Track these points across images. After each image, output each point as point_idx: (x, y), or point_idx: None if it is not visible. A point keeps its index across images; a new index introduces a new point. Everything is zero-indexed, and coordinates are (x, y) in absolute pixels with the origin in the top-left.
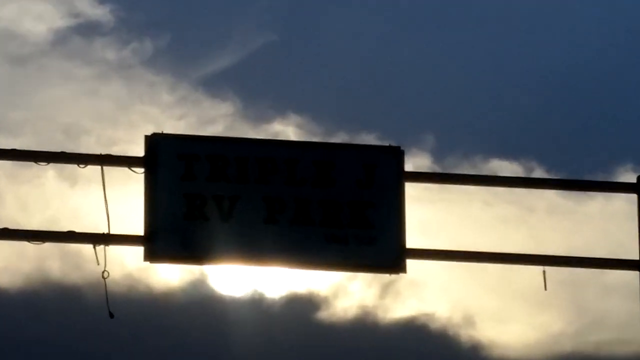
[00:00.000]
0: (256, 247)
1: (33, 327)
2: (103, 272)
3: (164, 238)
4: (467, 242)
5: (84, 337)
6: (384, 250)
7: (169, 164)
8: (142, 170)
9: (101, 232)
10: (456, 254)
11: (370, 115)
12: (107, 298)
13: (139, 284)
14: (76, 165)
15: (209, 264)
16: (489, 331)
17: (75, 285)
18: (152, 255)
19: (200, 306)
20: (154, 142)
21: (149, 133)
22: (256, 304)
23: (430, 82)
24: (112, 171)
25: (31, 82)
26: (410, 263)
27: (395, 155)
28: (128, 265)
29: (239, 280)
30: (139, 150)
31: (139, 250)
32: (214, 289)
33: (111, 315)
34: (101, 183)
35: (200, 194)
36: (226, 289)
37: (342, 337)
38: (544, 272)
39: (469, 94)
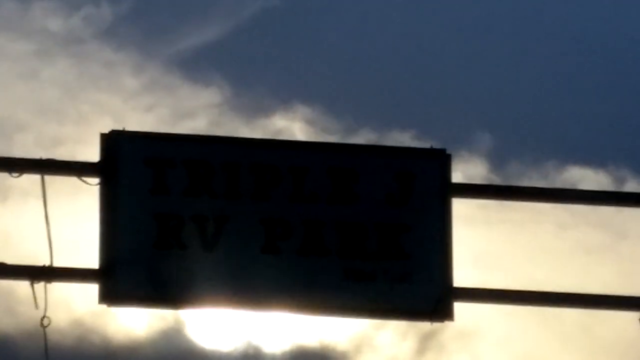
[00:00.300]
0: (250, 286)
1: None
2: (42, 319)
3: (127, 273)
4: (535, 278)
5: None
6: (423, 290)
7: (134, 172)
8: (96, 180)
9: (41, 264)
10: (521, 295)
11: (405, 108)
12: (46, 354)
13: (91, 334)
14: (7, 174)
15: (186, 308)
16: None
17: (5, 334)
18: (110, 295)
19: None
20: (113, 142)
21: (106, 130)
22: None
23: (486, 63)
24: (56, 182)
25: None
26: (458, 307)
27: (439, 161)
28: (77, 309)
29: (228, 329)
30: (92, 154)
31: (93, 288)
32: (194, 341)
33: None
34: (41, 197)
35: (175, 214)
36: (210, 341)
37: None
38: None
39: (538, 81)
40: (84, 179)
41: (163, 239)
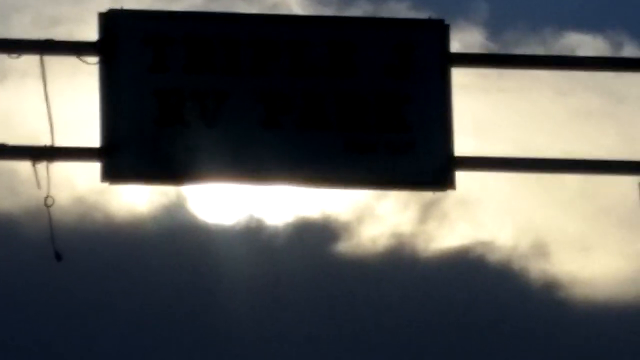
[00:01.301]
0: (252, 160)
1: None
2: (46, 198)
3: (129, 150)
4: (535, 145)
5: (21, 284)
6: (424, 160)
7: (133, 50)
8: (96, 59)
9: (42, 144)
10: (521, 163)
11: None
12: (51, 233)
13: (94, 211)
14: (6, 56)
15: (188, 184)
16: (567, 264)
17: (9, 215)
18: (112, 173)
19: (178, 239)
20: (112, 20)
21: (104, 8)
22: (253, 234)
23: None
24: (55, 61)
25: None
26: (460, 176)
27: (438, 31)
28: (80, 187)
29: (230, 203)
30: (91, 33)
31: (95, 167)
32: (196, 215)
33: (58, 257)
34: (40, 78)
35: (175, 90)
36: (212, 215)
37: (370, 274)
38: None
39: None
40: (83, 58)
41: (164, 115)
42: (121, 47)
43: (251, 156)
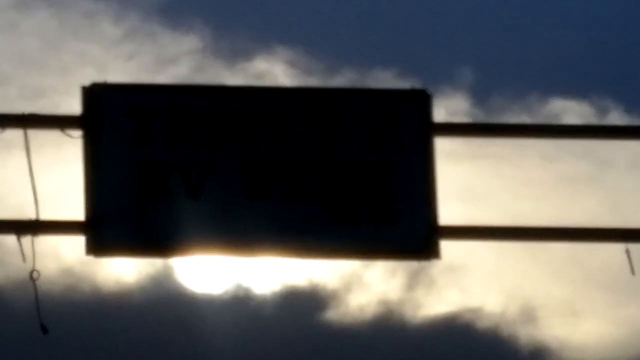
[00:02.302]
0: (236, 231)
1: None
2: (32, 272)
3: (113, 223)
4: (521, 212)
5: (7, 356)
6: (409, 230)
7: (116, 123)
8: (79, 133)
9: (27, 218)
10: (507, 232)
11: (386, 45)
12: (37, 307)
13: (81, 282)
14: None
15: (173, 257)
16: (556, 329)
17: None
18: (97, 246)
19: (166, 308)
20: (95, 94)
21: (88, 81)
22: (241, 303)
23: None
24: (39, 135)
25: None
26: (446, 243)
27: (420, 101)
28: (66, 258)
29: (217, 272)
30: (76, 105)
31: (80, 240)
32: (183, 285)
33: (44, 330)
34: (24, 151)
35: (159, 163)
36: (200, 284)
37: (359, 342)
38: (627, 251)
39: (518, 10)
40: (67, 132)
41: (147, 188)
42: (104, 120)
43: (236, 228)
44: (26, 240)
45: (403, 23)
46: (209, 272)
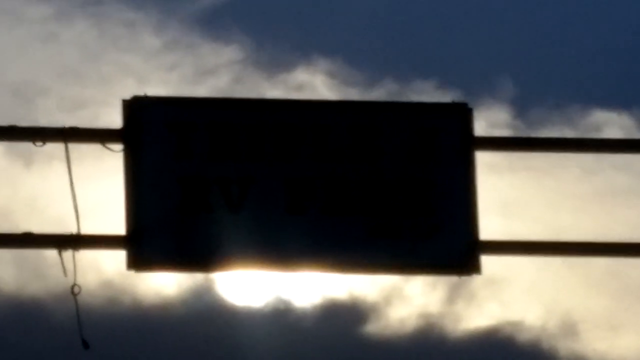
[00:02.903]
0: (276, 246)
1: None
2: (73, 287)
3: (153, 238)
4: (562, 225)
5: None
6: (449, 244)
7: (157, 137)
8: (120, 147)
9: (68, 232)
10: (547, 247)
11: (426, 57)
12: (79, 321)
13: (121, 295)
14: (31, 143)
15: (214, 271)
16: (596, 342)
17: (35, 302)
18: (137, 261)
19: (207, 321)
20: (136, 107)
21: (128, 92)
22: (281, 316)
23: (506, 8)
24: (80, 149)
25: None
26: (486, 259)
27: (461, 115)
28: (107, 271)
29: (257, 285)
30: (116, 116)
31: (121, 254)
32: (224, 298)
33: (86, 345)
34: (65, 165)
35: (199, 177)
36: (240, 297)
37: (399, 356)
38: None
39: (560, 23)
40: (108, 145)
41: (188, 203)
42: (145, 134)
43: (275, 242)
44: (67, 254)
45: (444, 34)
46: (249, 285)
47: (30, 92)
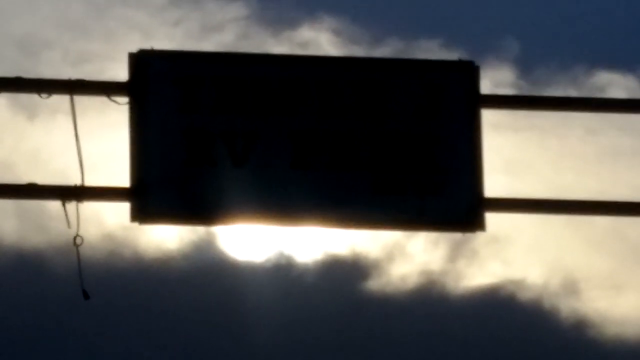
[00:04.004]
0: (281, 201)
1: None
2: (75, 237)
3: (158, 191)
4: (565, 185)
5: (50, 323)
6: (454, 201)
7: (163, 90)
8: (126, 99)
9: (72, 183)
10: (551, 205)
11: (432, 15)
12: (80, 272)
13: (123, 249)
14: (36, 95)
15: (217, 225)
16: (598, 302)
17: (38, 253)
18: (141, 213)
19: (208, 276)
20: (142, 61)
21: (134, 47)
22: (283, 271)
23: None
24: (85, 101)
25: None
26: (490, 216)
27: (467, 73)
28: (109, 224)
29: (259, 240)
30: (121, 71)
31: (124, 207)
32: (226, 252)
33: (86, 296)
34: (70, 117)
35: (204, 131)
36: (242, 252)
37: (400, 312)
38: None
39: None
40: (113, 98)
41: (193, 156)
42: (151, 87)
43: (280, 197)
44: (71, 206)
45: None
46: (251, 240)
47: (36, 45)
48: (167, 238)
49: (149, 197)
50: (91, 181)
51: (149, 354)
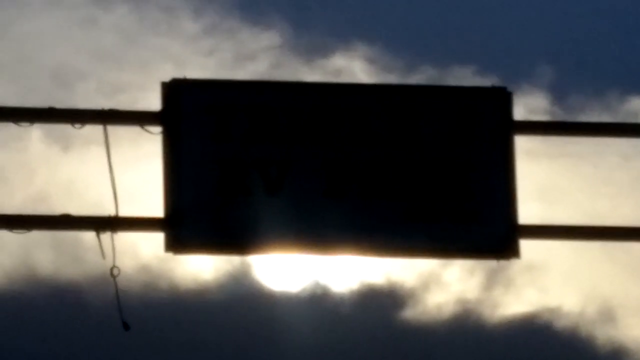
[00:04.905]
0: (314, 230)
1: (18, 337)
2: (112, 269)
3: (192, 220)
4: (600, 211)
5: (87, 354)
6: (488, 229)
7: (196, 119)
8: (159, 129)
9: (107, 214)
10: (586, 231)
11: (465, 42)
12: (119, 303)
13: (159, 279)
14: (70, 125)
15: (253, 254)
16: (635, 329)
17: (73, 285)
18: (176, 244)
19: (244, 306)
20: (175, 90)
21: (167, 77)
22: (318, 302)
23: None
24: (118, 131)
25: (5, 12)
26: (525, 244)
27: (501, 99)
28: (144, 255)
29: (295, 270)
30: (154, 101)
31: (159, 237)
32: (262, 282)
33: (126, 327)
34: (104, 148)
35: (238, 159)
36: (278, 282)
37: (436, 341)
38: None
39: (598, 8)
40: (147, 127)
41: (227, 185)
42: (184, 116)
43: (313, 226)
44: (105, 237)
45: (482, 20)
46: (287, 270)
47: (69, 76)
48: (202, 268)
49: (183, 227)
50: (125, 212)
51: None
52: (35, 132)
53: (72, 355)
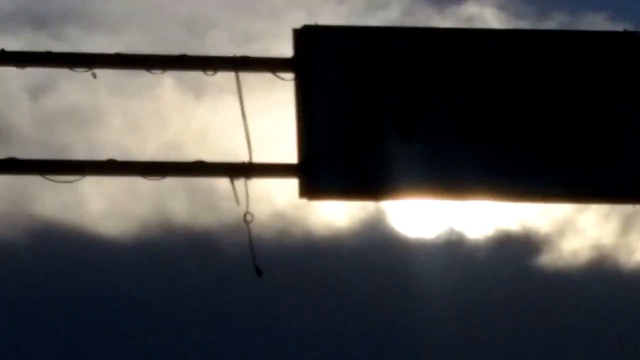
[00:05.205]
0: (449, 175)
1: (153, 285)
2: (245, 215)
3: (325, 167)
4: None
5: (221, 300)
6: (623, 173)
7: (328, 66)
8: (291, 75)
9: (240, 160)
10: None
11: None
12: (252, 249)
13: (292, 226)
14: (202, 72)
15: (386, 199)
16: None
17: (207, 232)
18: (310, 189)
19: (379, 254)
20: (307, 37)
21: (298, 25)
22: (454, 248)
23: None
24: (251, 78)
25: None
26: None
27: (633, 44)
28: (278, 202)
29: (430, 216)
30: (285, 49)
31: (292, 183)
32: (396, 229)
33: (259, 273)
34: (236, 95)
35: (371, 105)
36: (412, 229)
37: (571, 288)
38: None
39: None
40: (278, 74)
41: (360, 131)
42: (316, 63)
43: (447, 171)
44: (239, 183)
45: None
46: (421, 216)
47: (202, 25)
48: (336, 216)
49: (317, 173)
50: (259, 158)
51: (319, 330)
52: (168, 80)
53: (205, 301)
